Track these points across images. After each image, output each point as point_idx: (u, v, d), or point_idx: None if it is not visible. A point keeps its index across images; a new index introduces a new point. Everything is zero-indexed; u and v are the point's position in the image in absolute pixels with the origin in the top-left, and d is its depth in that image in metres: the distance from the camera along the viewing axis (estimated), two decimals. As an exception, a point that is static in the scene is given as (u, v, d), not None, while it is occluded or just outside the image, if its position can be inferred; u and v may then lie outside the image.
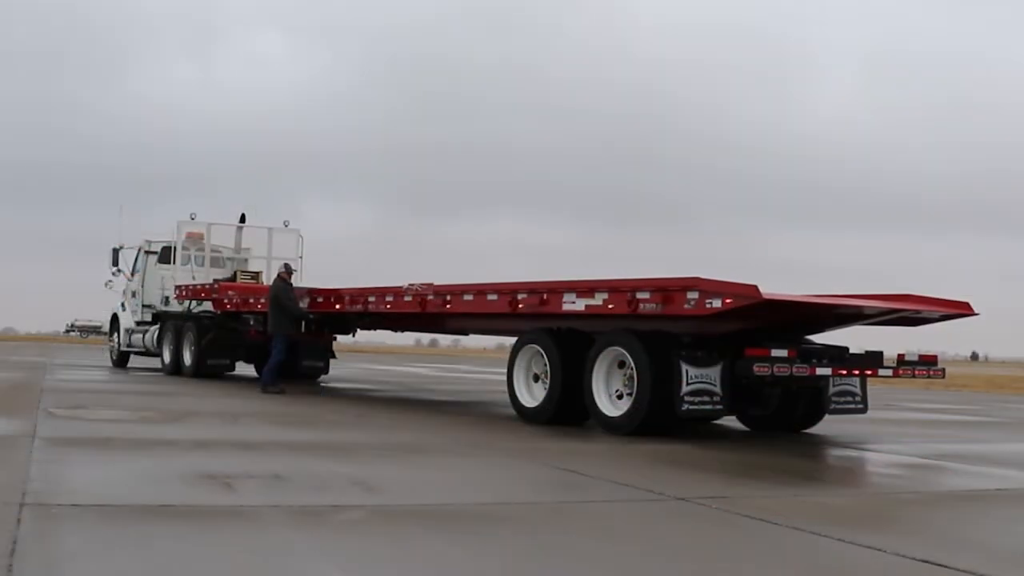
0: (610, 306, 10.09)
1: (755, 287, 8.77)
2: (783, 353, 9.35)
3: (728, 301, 8.89)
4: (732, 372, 9.64)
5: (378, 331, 18.85)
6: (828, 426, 11.54)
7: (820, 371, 9.59)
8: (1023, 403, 22.73)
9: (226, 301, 18.46)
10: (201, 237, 21.35)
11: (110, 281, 22.87)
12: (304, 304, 15.72)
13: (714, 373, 9.70)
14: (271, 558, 4.19)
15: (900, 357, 10.35)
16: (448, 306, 12.39)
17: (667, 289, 9.52)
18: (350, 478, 6.45)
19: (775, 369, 9.22)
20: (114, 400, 13.00)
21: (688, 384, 9.56)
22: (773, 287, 9.12)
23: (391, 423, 11.26)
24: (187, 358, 19.39)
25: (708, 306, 9.05)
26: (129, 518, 4.90)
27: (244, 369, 20.09)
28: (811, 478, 8.09)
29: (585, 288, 10.44)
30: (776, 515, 5.49)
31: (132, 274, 22.40)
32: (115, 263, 22.69)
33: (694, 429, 10.73)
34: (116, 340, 23.41)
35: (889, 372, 10.16)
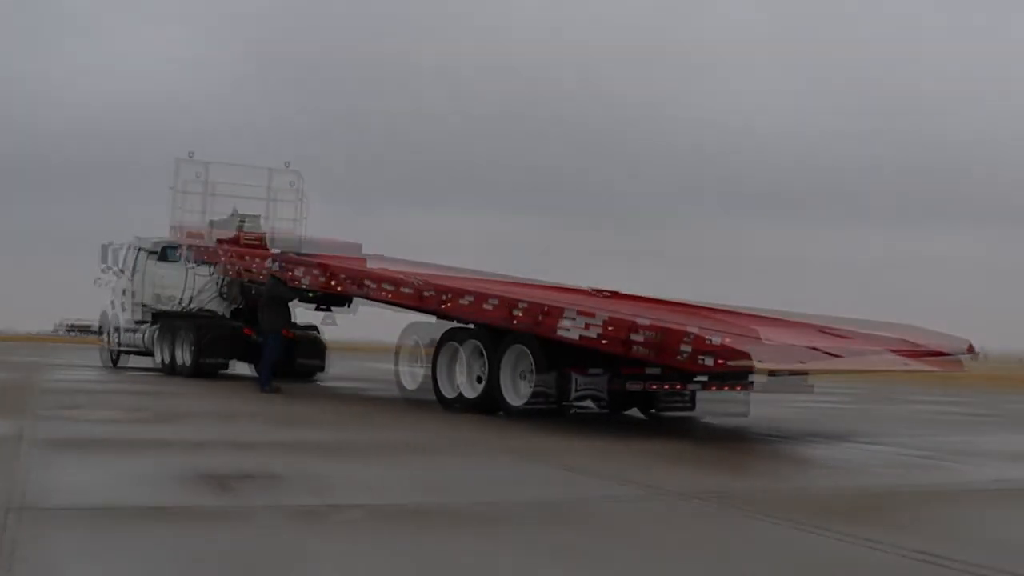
0: (603, 342, 9.75)
1: (749, 354, 8.67)
2: (656, 371, 9.98)
3: (720, 362, 8.71)
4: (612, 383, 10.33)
5: (377, 329, 18.84)
6: (827, 423, 11.53)
7: (690, 386, 10.40)
8: (1023, 400, 22.74)
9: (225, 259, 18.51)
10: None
11: (99, 278, 22.79)
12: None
13: (601, 382, 10.40)
14: (269, 559, 4.16)
15: (770, 372, 10.74)
16: (444, 306, 12.44)
17: (664, 333, 9.16)
18: (349, 478, 6.43)
19: (646, 386, 10.13)
20: (109, 400, 12.96)
21: (577, 391, 10.40)
22: (710, 278, 9.10)
23: (390, 423, 11.24)
24: (183, 358, 19.33)
25: (700, 363, 8.83)
26: (125, 520, 4.86)
27: (240, 368, 20.06)
28: (810, 474, 8.08)
29: (587, 312, 10.11)
30: (776, 510, 5.48)
31: (132, 273, 22.28)
32: (104, 260, 22.59)
33: (693, 429, 10.78)
34: (110, 339, 23.32)
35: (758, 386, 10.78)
